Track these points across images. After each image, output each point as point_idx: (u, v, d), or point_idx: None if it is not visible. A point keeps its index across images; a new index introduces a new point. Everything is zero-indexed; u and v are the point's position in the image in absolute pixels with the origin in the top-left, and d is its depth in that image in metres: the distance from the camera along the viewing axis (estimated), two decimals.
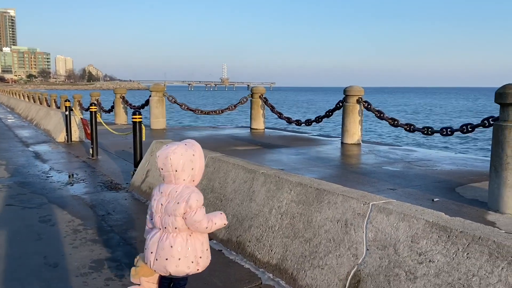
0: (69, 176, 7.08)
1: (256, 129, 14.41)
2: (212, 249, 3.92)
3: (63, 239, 4.15)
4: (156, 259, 2.51)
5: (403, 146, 12.38)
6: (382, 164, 8.02)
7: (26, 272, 3.41)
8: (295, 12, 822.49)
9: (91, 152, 8.83)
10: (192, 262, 2.50)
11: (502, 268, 2.20)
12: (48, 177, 6.97)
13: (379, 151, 9.83)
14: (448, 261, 2.42)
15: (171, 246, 2.46)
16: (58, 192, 5.96)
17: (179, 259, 2.47)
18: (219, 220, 2.57)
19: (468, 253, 2.36)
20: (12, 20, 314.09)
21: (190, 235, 2.51)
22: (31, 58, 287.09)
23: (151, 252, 2.53)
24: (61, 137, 11.30)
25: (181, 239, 2.48)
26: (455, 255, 2.40)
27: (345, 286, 2.84)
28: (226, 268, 3.52)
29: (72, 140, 11.11)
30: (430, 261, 2.50)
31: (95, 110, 8.74)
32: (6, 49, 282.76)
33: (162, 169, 2.48)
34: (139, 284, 2.82)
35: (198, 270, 2.55)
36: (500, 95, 5.17)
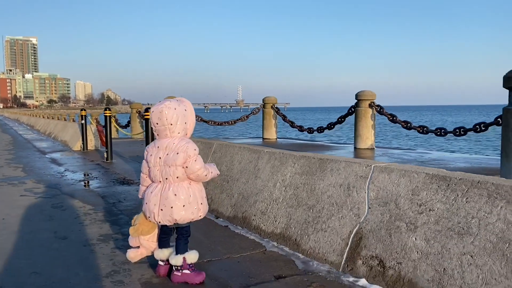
0: (83, 175, 7.22)
1: (269, 138, 14.46)
2: (218, 225, 3.98)
3: (73, 219, 4.24)
4: (161, 209, 2.56)
5: (417, 149, 12.28)
6: None
7: (36, 243, 3.49)
8: (310, 33, 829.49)
9: (105, 156, 9.00)
10: (195, 208, 2.59)
11: (501, 207, 2.19)
12: (62, 176, 7.13)
13: (392, 153, 9.76)
14: (448, 207, 2.41)
15: (175, 195, 2.55)
16: (72, 187, 6.08)
17: (184, 205, 2.56)
18: (214, 170, 2.72)
19: (467, 198, 2.35)
20: (34, 48, 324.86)
21: (190, 184, 2.60)
22: (51, 84, 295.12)
23: (154, 204, 2.59)
24: (77, 145, 11.55)
25: (183, 187, 2.57)
26: (455, 201, 2.40)
27: (348, 244, 2.84)
28: (231, 239, 3.54)
29: (88, 148, 11.33)
30: (430, 210, 2.49)
31: (109, 114, 8.95)
32: (28, 76, 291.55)
33: (157, 123, 2.58)
34: (138, 247, 2.87)
35: (200, 216, 2.64)
36: (509, 79, 5.16)
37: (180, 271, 2.65)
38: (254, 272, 2.83)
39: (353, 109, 11.28)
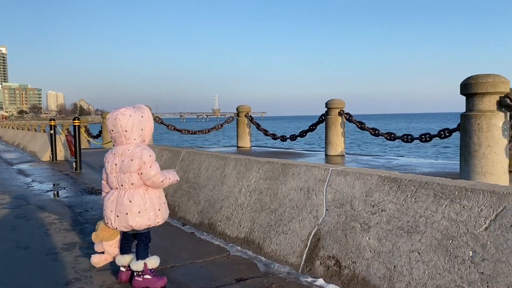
0: (51, 186, 7.10)
1: (243, 147, 14.54)
2: (184, 232, 4.01)
3: (37, 229, 4.18)
4: (117, 216, 2.59)
5: (386, 155, 12.57)
6: None
7: None
8: (286, 43, 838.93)
9: (74, 166, 8.87)
10: (152, 214, 2.60)
11: (445, 206, 2.31)
12: (29, 186, 7.00)
13: (361, 159, 9.98)
14: (398, 207, 2.53)
15: (130, 201, 2.57)
16: (38, 197, 5.98)
17: (139, 212, 2.57)
18: (172, 176, 2.73)
19: (415, 198, 2.47)
20: (4, 57, 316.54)
21: (146, 190, 2.63)
22: (22, 94, 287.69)
23: (111, 211, 2.62)
24: (46, 156, 11.33)
25: (138, 194, 2.60)
26: (404, 201, 2.52)
27: (307, 245, 2.92)
28: (196, 245, 3.58)
29: (58, 159, 11.14)
30: (382, 210, 2.60)
31: (78, 124, 8.85)
32: None
33: (112, 130, 2.61)
34: (102, 252, 2.88)
35: (158, 222, 2.65)
36: (465, 86, 5.40)
37: (142, 276, 2.68)
38: (216, 276, 2.88)
39: (323, 117, 11.50)
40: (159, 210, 2.65)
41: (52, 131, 10.99)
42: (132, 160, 2.56)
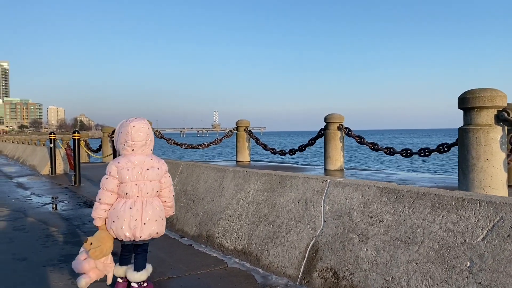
0: (49, 199, 7.09)
1: (242, 161, 14.53)
2: (182, 245, 4.00)
3: (34, 241, 4.17)
4: (144, 223, 2.58)
5: (386, 170, 12.56)
6: None
7: None
8: (286, 58, 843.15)
9: (73, 179, 8.86)
10: (164, 222, 2.73)
11: (442, 216, 2.32)
12: (28, 199, 6.98)
13: (361, 174, 9.97)
14: (396, 218, 2.53)
15: (157, 208, 2.64)
16: (36, 210, 5.97)
17: (162, 219, 2.69)
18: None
19: (413, 209, 2.48)
20: (5, 72, 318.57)
21: (159, 199, 2.72)
22: (23, 109, 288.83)
23: (136, 219, 2.58)
24: (46, 170, 11.33)
25: (159, 201, 2.70)
26: (402, 212, 2.52)
27: (304, 257, 2.91)
28: (194, 257, 3.56)
29: (57, 172, 11.13)
30: (380, 221, 2.60)
31: (78, 137, 8.87)
32: None
33: (137, 139, 2.63)
34: (83, 273, 2.75)
35: (164, 230, 2.77)
36: (462, 100, 5.43)
37: (142, 285, 2.68)
38: (213, 287, 2.86)
39: (322, 132, 11.53)
40: (163, 219, 2.73)
41: (52, 145, 11.01)
42: (158, 169, 2.67)
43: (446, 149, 8.84)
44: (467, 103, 5.30)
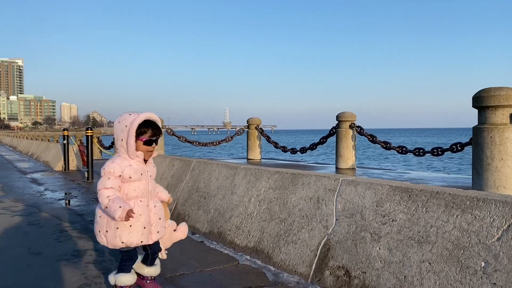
0: (63, 194, 7.18)
1: (253, 159, 14.54)
2: (193, 241, 4.02)
3: (49, 236, 4.23)
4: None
5: (398, 169, 12.47)
6: None
7: (9, 257, 3.48)
8: (299, 56, 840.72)
9: (86, 175, 8.96)
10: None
11: (456, 216, 2.29)
12: (42, 195, 7.08)
13: (372, 173, 9.90)
14: (409, 217, 2.51)
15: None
16: (50, 205, 6.05)
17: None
18: None
19: (426, 208, 2.46)
20: (20, 69, 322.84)
21: None
22: (37, 106, 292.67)
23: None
24: (59, 166, 11.47)
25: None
26: (415, 211, 2.50)
27: (316, 255, 2.90)
28: (206, 254, 3.58)
29: (70, 168, 11.26)
30: (393, 220, 2.59)
31: (91, 134, 8.96)
32: (13, 98, 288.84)
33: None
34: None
35: None
36: (477, 99, 5.36)
37: (153, 279, 2.71)
38: (224, 284, 2.87)
39: (334, 130, 11.48)
40: None
41: (65, 141, 11.14)
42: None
43: (459, 148, 8.74)
44: (482, 102, 5.24)
